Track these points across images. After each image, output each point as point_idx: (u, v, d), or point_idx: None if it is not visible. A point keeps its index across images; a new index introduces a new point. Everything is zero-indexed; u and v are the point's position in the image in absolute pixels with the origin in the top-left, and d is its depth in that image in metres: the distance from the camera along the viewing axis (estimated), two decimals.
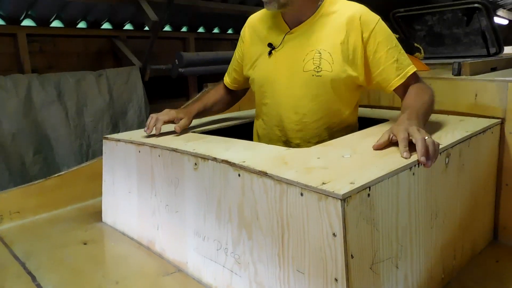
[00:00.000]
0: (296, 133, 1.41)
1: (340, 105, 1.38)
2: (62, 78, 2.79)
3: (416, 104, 1.21)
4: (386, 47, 1.31)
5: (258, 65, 1.45)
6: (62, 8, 3.26)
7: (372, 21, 1.32)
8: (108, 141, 1.53)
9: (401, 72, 1.31)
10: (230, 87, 1.66)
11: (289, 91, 1.38)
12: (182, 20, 4.23)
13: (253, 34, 1.49)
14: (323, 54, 1.32)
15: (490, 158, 1.44)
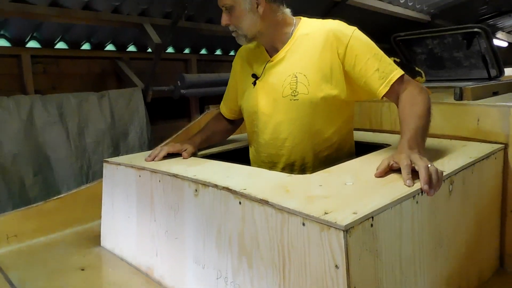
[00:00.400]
0: (281, 157, 1.42)
1: (321, 125, 1.38)
2: (64, 99, 2.80)
3: (413, 123, 1.17)
4: (364, 58, 1.29)
5: (246, 95, 1.50)
6: (66, 30, 3.30)
7: (346, 35, 1.32)
8: (109, 164, 1.52)
9: (384, 80, 1.27)
10: (228, 117, 1.68)
11: (271, 118, 1.41)
12: (185, 42, 4.27)
13: (243, 65, 1.55)
14: (299, 78, 1.34)
15: (494, 184, 1.42)
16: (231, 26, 1.38)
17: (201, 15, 3.80)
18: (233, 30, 1.39)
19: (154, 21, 3.40)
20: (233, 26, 1.37)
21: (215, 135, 1.67)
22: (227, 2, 1.34)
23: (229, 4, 1.34)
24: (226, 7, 1.34)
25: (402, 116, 1.23)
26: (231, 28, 1.38)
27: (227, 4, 1.34)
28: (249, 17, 1.35)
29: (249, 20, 1.35)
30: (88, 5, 3.05)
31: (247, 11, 1.34)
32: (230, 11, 1.34)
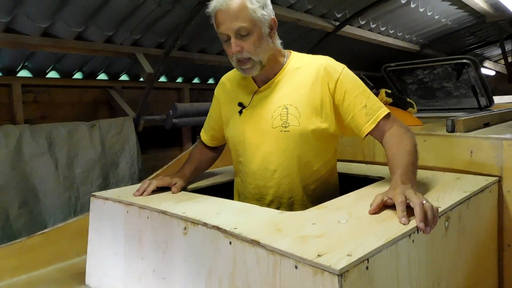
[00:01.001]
0: (269, 189, 1.39)
1: (310, 157, 1.37)
2: (54, 129, 2.77)
3: (403, 159, 1.18)
4: (353, 95, 1.31)
5: (231, 124, 1.47)
6: (59, 60, 3.30)
7: (337, 71, 1.34)
8: (96, 199, 1.47)
9: (371, 117, 1.30)
10: (209, 144, 1.65)
11: (259, 149, 1.38)
12: (178, 71, 4.30)
13: (225, 94, 1.51)
14: (290, 109, 1.33)
15: (490, 219, 1.40)
16: (245, 53, 1.27)
17: (194, 45, 3.84)
18: (246, 58, 1.28)
19: (146, 51, 3.42)
20: (247, 53, 1.27)
21: (202, 164, 1.64)
22: (245, 26, 1.24)
23: (248, 28, 1.24)
24: (241, 32, 1.24)
25: (390, 153, 1.23)
26: (243, 55, 1.27)
27: (245, 27, 1.24)
28: (266, 41, 1.30)
29: (266, 45, 1.30)
30: (81, 35, 3.06)
31: (266, 35, 1.30)
32: (246, 36, 1.25)
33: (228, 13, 1.24)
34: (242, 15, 1.24)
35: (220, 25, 1.26)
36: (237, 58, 1.29)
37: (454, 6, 5.14)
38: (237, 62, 1.30)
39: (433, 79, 2.84)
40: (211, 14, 1.29)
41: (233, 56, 1.29)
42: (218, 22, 1.27)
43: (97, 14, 2.90)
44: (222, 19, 1.25)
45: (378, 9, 4.51)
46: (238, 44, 1.26)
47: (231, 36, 1.26)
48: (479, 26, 6.28)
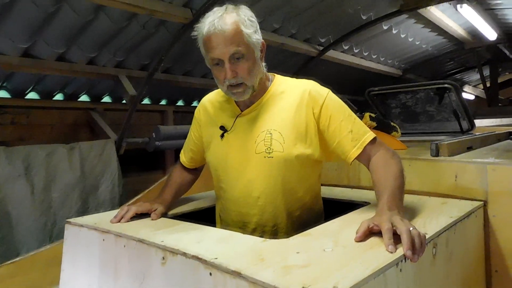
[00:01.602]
0: (252, 217, 1.33)
1: (294, 184, 1.33)
2: (31, 151, 2.69)
3: (390, 185, 1.15)
4: (338, 120, 1.28)
5: (212, 147, 1.41)
6: (39, 81, 3.25)
7: (321, 95, 1.31)
8: (71, 225, 1.40)
9: (357, 142, 1.27)
10: (188, 166, 1.59)
11: (242, 174, 1.32)
12: (161, 93, 4.27)
13: (206, 116, 1.45)
14: (273, 135, 1.29)
15: (476, 243, 1.38)
16: (239, 77, 1.23)
17: (178, 68, 3.83)
18: (238, 83, 1.23)
19: (130, 73, 3.40)
20: (241, 78, 1.23)
21: (182, 187, 1.58)
22: (240, 50, 1.20)
23: (242, 52, 1.20)
24: (235, 57, 1.21)
25: (377, 178, 1.21)
26: (237, 80, 1.23)
27: (240, 51, 1.20)
28: (258, 65, 1.27)
29: (258, 69, 1.27)
30: (62, 56, 3.02)
31: (257, 60, 1.26)
32: (240, 60, 1.21)
33: (222, 37, 1.19)
34: (237, 39, 1.20)
35: (213, 49, 1.20)
36: (230, 83, 1.24)
37: (434, 33, 5.30)
38: (228, 87, 1.25)
39: (416, 103, 2.86)
40: (202, 37, 1.23)
41: (225, 81, 1.23)
42: (210, 46, 1.21)
43: (80, 35, 2.88)
44: (215, 43, 1.20)
45: (361, 35, 4.61)
46: (233, 69, 1.21)
47: (224, 60, 1.20)
48: (458, 52, 6.48)
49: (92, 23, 2.78)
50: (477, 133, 2.56)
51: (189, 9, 2.90)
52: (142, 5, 2.60)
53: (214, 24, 1.19)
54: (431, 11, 4.34)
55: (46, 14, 2.55)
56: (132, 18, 2.88)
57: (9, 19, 2.50)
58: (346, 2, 3.71)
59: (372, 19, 4.24)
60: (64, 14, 2.59)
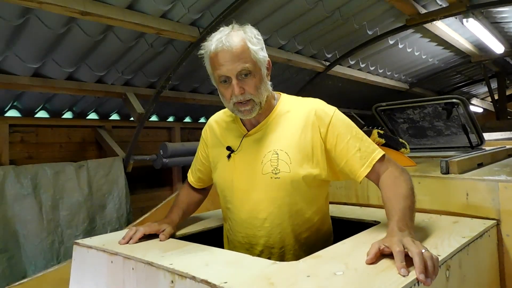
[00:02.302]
0: (260, 238, 1.31)
1: (302, 205, 1.31)
2: (40, 170, 2.70)
3: (399, 203, 1.13)
4: (346, 138, 1.27)
5: (218, 168, 1.40)
6: (48, 99, 3.29)
7: (328, 115, 1.29)
8: (79, 247, 1.40)
9: (365, 161, 1.25)
10: (196, 186, 1.58)
11: (249, 195, 1.31)
12: (169, 110, 4.30)
13: (213, 136, 1.45)
14: (280, 155, 1.27)
15: (490, 264, 1.34)
16: (246, 94, 1.22)
17: (185, 85, 3.86)
18: (246, 99, 1.23)
19: (138, 91, 3.43)
20: (249, 95, 1.22)
21: (190, 207, 1.56)
22: (248, 66, 1.20)
23: (250, 69, 1.21)
24: (243, 73, 1.21)
25: (386, 197, 1.19)
26: (245, 97, 1.22)
27: (247, 68, 1.20)
28: (265, 82, 1.27)
29: (265, 86, 1.27)
30: (72, 75, 3.06)
31: (264, 77, 1.27)
32: (248, 77, 1.21)
33: (230, 54, 1.19)
34: (245, 56, 1.20)
35: (221, 66, 1.20)
36: (237, 101, 1.23)
37: (441, 47, 5.29)
38: (235, 104, 1.24)
39: (423, 118, 2.84)
40: (209, 55, 1.24)
41: (232, 98, 1.23)
42: (217, 63, 1.21)
43: (89, 54, 2.92)
44: (223, 60, 1.20)
45: (367, 50, 4.62)
46: (240, 86, 1.21)
47: (232, 77, 1.21)
48: (465, 65, 6.46)
49: (101, 42, 2.83)
50: (487, 148, 2.52)
51: (196, 27, 2.93)
52: (150, 25, 2.63)
53: (221, 41, 1.20)
54: (437, 26, 4.35)
55: (56, 35, 2.59)
56: (140, 37, 2.92)
57: (20, 40, 2.54)
58: (352, 18, 3.73)
59: (378, 34, 4.25)
60: (74, 34, 2.63)
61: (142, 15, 2.60)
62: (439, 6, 3.87)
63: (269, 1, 3.00)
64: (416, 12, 3.82)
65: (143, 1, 2.53)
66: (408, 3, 3.65)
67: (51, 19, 2.45)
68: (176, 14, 2.77)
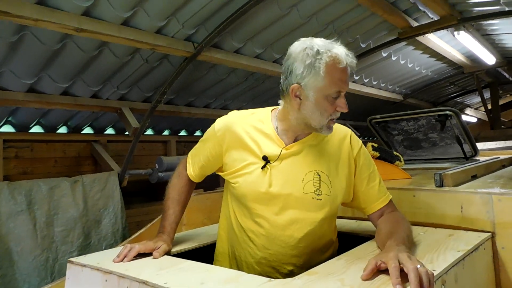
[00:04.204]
0: (290, 258, 1.28)
1: (327, 227, 1.35)
2: (34, 186, 2.68)
3: (399, 231, 1.18)
4: (369, 170, 1.35)
5: (246, 176, 1.30)
6: (43, 115, 3.28)
7: (358, 144, 1.37)
8: (73, 265, 1.38)
9: (382, 195, 1.33)
10: (196, 180, 1.49)
11: (287, 212, 1.27)
12: (164, 124, 4.30)
13: (234, 138, 1.34)
14: (322, 177, 1.28)
15: (486, 278, 1.34)
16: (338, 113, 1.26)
17: (181, 99, 3.87)
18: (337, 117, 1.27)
19: (133, 106, 3.43)
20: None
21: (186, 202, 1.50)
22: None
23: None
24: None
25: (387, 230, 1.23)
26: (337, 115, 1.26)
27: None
28: None
29: None
30: (67, 90, 3.06)
31: None
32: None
33: (349, 72, 1.21)
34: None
35: (341, 82, 1.19)
36: (334, 117, 1.24)
37: (433, 58, 5.35)
38: (330, 120, 1.24)
39: (418, 130, 2.86)
40: (331, 63, 1.18)
41: (332, 115, 1.23)
42: (337, 77, 1.18)
43: (85, 70, 2.93)
44: (344, 76, 1.20)
45: (361, 62, 4.66)
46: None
47: (342, 94, 1.23)
48: (458, 76, 6.52)
49: (96, 58, 2.84)
50: (481, 159, 2.54)
51: (191, 42, 2.95)
52: (145, 41, 2.65)
53: (345, 57, 1.19)
54: (429, 38, 4.40)
55: (52, 51, 2.60)
56: (135, 53, 2.94)
57: (15, 56, 2.55)
58: (345, 31, 3.77)
59: (372, 47, 4.30)
60: (69, 50, 2.64)
61: (137, 31, 2.61)
62: (431, 19, 3.93)
63: (263, 17, 3.03)
64: (408, 26, 3.87)
65: (138, 17, 2.55)
66: (400, 16, 3.70)
67: (46, 36, 2.46)
68: (171, 30, 2.79)
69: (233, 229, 1.38)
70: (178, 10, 2.64)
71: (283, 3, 2.98)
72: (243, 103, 4.30)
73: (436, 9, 3.58)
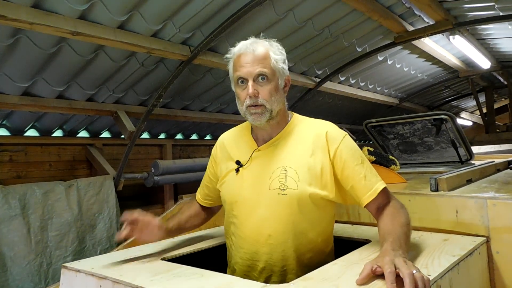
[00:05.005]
0: (262, 255, 1.30)
1: (306, 224, 1.30)
2: (28, 190, 2.66)
3: (396, 230, 1.16)
4: (352, 164, 1.29)
5: (226, 182, 1.41)
6: (38, 118, 3.27)
7: (337, 139, 1.32)
8: (67, 270, 1.37)
9: (369, 189, 1.28)
10: (203, 204, 1.58)
11: (254, 211, 1.31)
12: (160, 127, 4.29)
13: (223, 152, 1.46)
14: (289, 172, 1.29)
15: (481, 282, 1.35)
16: (260, 99, 1.26)
17: (177, 102, 3.87)
18: (259, 104, 1.26)
19: (129, 109, 3.42)
20: (262, 100, 1.26)
21: (188, 221, 1.53)
22: (265, 72, 1.26)
23: (267, 75, 1.26)
24: (260, 78, 1.26)
25: (384, 224, 1.21)
26: (257, 101, 1.26)
27: (265, 73, 1.26)
28: (280, 94, 1.31)
29: (279, 97, 1.31)
30: (62, 94, 3.05)
31: (280, 88, 1.31)
32: (264, 82, 1.26)
33: (252, 57, 1.27)
34: (265, 62, 1.27)
35: (241, 67, 1.27)
36: (250, 103, 1.26)
37: (429, 62, 5.38)
38: (248, 107, 1.27)
39: (413, 134, 2.87)
40: (233, 58, 1.32)
41: (246, 101, 1.27)
42: (238, 64, 1.28)
43: (80, 73, 2.92)
44: (243, 62, 1.27)
45: (357, 66, 4.68)
46: (255, 88, 1.26)
47: (248, 79, 1.26)
48: (453, 80, 6.57)
49: (92, 61, 2.83)
50: (476, 163, 2.55)
51: (187, 46, 2.95)
52: (142, 44, 2.65)
53: (246, 45, 1.29)
54: (425, 42, 4.43)
55: (47, 55, 2.59)
56: (131, 56, 2.93)
57: (10, 59, 2.54)
58: (341, 35, 3.79)
59: (367, 51, 4.31)
60: (65, 54, 2.64)
61: (133, 35, 2.61)
62: (426, 23, 3.95)
63: (259, 21, 3.04)
64: (404, 30, 3.89)
65: (134, 21, 2.55)
66: (396, 21, 3.72)
67: (42, 39, 2.45)
68: (167, 34, 2.79)
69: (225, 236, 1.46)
70: (174, 14, 2.64)
71: (279, 7, 2.99)
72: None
73: (432, 14, 3.60)
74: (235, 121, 4.20)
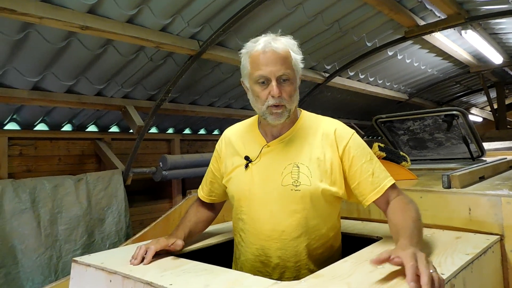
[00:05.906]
0: (275, 251, 1.30)
1: (318, 220, 1.31)
2: (38, 184, 2.68)
3: (409, 225, 1.15)
4: (360, 161, 1.29)
5: (234, 177, 1.39)
6: (48, 112, 3.28)
7: (346, 136, 1.32)
8: (77, 264, 1.38)
9: (377, 186, 1.27)
10: (207, 200, 1.54)
11: (267, 206, 1.30)
12: (168, 122, 4.29)
13: (228, 147, 1.45)
14: (301, 168, 1.28)
15: (495, 281, 1.32)
16: (283, 99, 1.25)
17: (185, 97, 3.86)
18: (280, 104, 1.25)
19: (137, 104, 3.42)
20: (284, 100, 1.25)
21: (198, 225, 1.51)
22: (288, 73, 1.25)
23: (289, 76, 1.25)
24: (284, 78, 1.25)
25: (396, 220, 1.21)
26: (280, 101, 1.24)
27: (287, 74, 1.25)
28: (297, 93, 1.31)
29: (296, 96, 1.30)
30: (71, 88, 3.06)
31: (297, 88, 1.31)
32: (285, 83, 1.25)
33: (275, 56, 1.23)
34: (287, 62, 1.25)
35: (263, 66, 1.24)
36: (273, 103, 1.24)
37: (439, 58, 5.31)
38: (269, 107, 1.26)
39: (424, 130, 2.84)
40: (251, 54, 1.27)
41: (268, 101, 1.25)
42: (259, 63, 1.24)
43: (89, 68, 2.92)
44: (265, 61, 1.23)
45: (366, 61, 4.63)
46: (279, 89, 1.24)
47: (271, 79, 1.23)
48: (464, 75, 6.48)
49: (101, 56, 2.83)
50: (488, 160, 2.51)
51: (196, 41, 2.94)
52: (150, 38, 2.64)
53: (270, 43, 1.25)
54: (436, 37, 4.36)
55: (56, 49, 2.60)
56: (140, 51, 2.93)
57: (20, 54, 2.55)
58: (351, 30, 3.74)
59: (377, 46, 4.26)
60: (74, 48, 2.64)
61: (142, 29, 2.60)
62: (438, 18, 3.89)
63: (268, 15, 3.02)
64: (415, 24, 3.83)
65: (143, 15, 2.54)
66: (407, 15, 3.67)
67: (51, 34, 2.45)
68: (176, 28, 2.78)
69: (233, 232, 1.46)
70: (183, 8, 2.63)
71: (288, 1, 2.96)
72: (246, 102, 4.29)
73: (443, 8, 3.55)
74: (243, 116, 4.18)
